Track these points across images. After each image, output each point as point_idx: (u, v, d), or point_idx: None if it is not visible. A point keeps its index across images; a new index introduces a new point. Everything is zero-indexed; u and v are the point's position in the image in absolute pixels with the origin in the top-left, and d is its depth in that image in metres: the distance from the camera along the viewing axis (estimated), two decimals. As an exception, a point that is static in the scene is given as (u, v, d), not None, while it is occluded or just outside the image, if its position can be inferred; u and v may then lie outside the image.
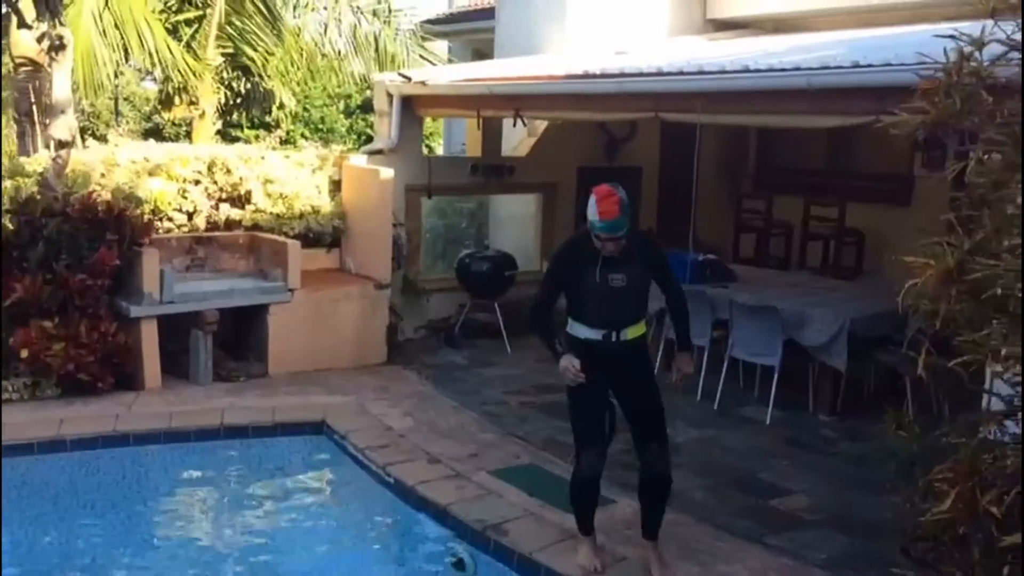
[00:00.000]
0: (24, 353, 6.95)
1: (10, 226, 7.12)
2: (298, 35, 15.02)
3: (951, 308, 4.03)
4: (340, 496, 6.21)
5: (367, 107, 20.86)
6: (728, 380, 7.45)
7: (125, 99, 23.78)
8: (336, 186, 9.41)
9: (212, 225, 8.87)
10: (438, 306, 9.85)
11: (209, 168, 8.80)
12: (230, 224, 8.89)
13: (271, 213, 8.98)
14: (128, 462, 6.29)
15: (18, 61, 9.88)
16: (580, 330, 4.35)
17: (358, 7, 15.03)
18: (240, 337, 8.36)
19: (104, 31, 12.64)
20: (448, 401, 7.51)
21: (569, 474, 5.64)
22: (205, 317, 7.71)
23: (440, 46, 17.00)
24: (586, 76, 7.86)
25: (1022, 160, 3.66)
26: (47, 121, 9.48)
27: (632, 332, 4.30)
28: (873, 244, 9.72)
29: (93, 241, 7.23)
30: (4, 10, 9.29)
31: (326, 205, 9.23)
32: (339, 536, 5.56)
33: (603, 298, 4.17)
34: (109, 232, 7.30)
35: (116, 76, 14.50)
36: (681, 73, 7.05)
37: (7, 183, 7.49)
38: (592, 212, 4.04)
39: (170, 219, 8.55)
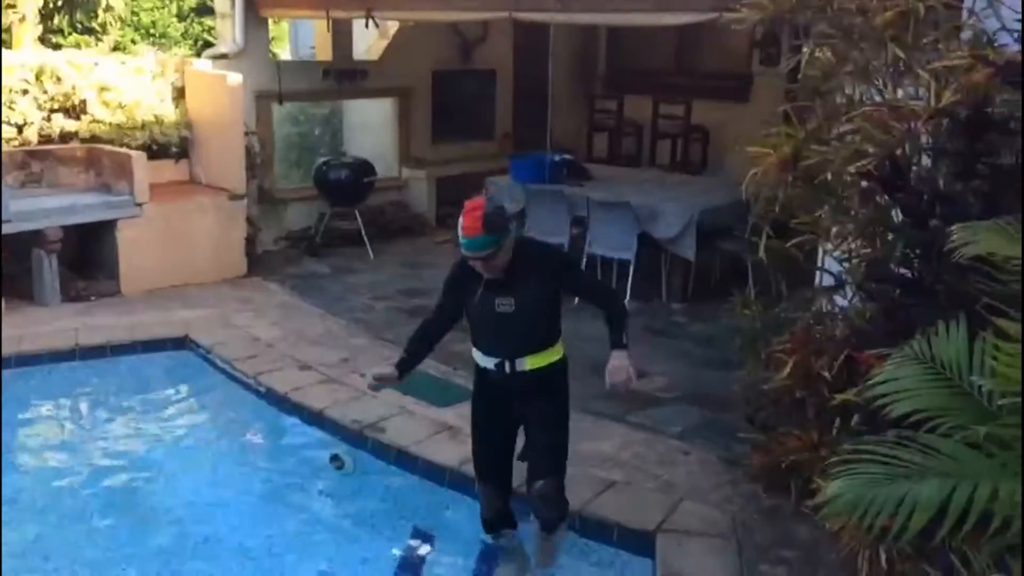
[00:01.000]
0: None
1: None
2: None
3: (788, 193, 4.40)
4: (210, 410, 6.14)
5: (203, 10, 19.61)
6: (587, 275, 7.76)
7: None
8: (180, 93, 8.95)
9: (45, 138, 8.30)
10: (296, 216, 9.70)
11: (37, 77, 8.18)
12: (65, 136, 8.35)
13: (110, 124, 8.48)
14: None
15: None
16: (476, 355, 3.76)
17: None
18: (87, 255, 7.98)
19: None
20: (314, 309, 7.51)
21: (438, 371, 5.89)
22: (47, 236, 7.31)
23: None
24: (439, -25, 7.75)
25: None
26: None
27: (531, 363, 3.61)
28: (717, 140, 10.21)
29: (-88, 157, 6.67)
30: None
31: (170, 114, 8.79)
32: (213, 449, 5.54)
33: (489, 324, 3.60)
34: (-70, 147, 6.74)
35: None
36: (534, -28, 7.06)
37: None
38: (458, 226, 3.44)
39: (-5, 132, 7.93)
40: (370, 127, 10.89)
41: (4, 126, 7.96)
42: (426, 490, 4.81)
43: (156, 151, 8.52)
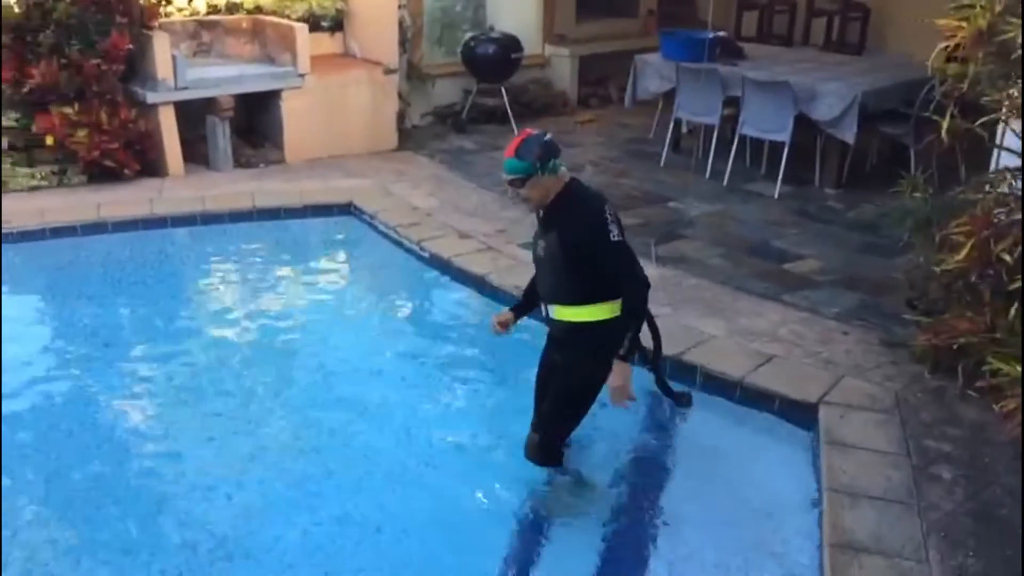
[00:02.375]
0: (49, 140, 7.00)
1: (16, 9, 6.94)
2: None
3: (979, 70, 4.25)
4: (376, 270, 6.53)
5: None
6: (735, 159, 7.69)
7: None
8: (336, -35, 9.09)
9: (213, 8, 8.65)
10: (443, 92, 9.84)
11: (205, -53, 8.47)
12: (232, 7, 8.68)
13: (273, -6, 8.74)
14: (168, 243, 6.56)
15: None
16: None
17: None
18: (254, 124, 8.41)
19: None
20: (466, 183, 7.73)
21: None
22: (220, 103, 7.72)
23: None
24: None
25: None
26: None
27: (559, 313, 3.50)
28: (877, 19, 9.68)
29: (102, 25, 7.09)
30: None
31: (327, -14, 8.98)
32: (380, 307, 5.94)
33: (536, 263, 3.60)
34: (118, 15, 7.14)
35: None
36: None
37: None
38: None
39: (169, 2, 8.30)
40: (514, 3, 10.79)
41: (176, -4, 8.35)
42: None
43: (313, 23, 8.75)
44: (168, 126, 7.53)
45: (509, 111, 9.32)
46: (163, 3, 7.96)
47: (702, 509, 3.79)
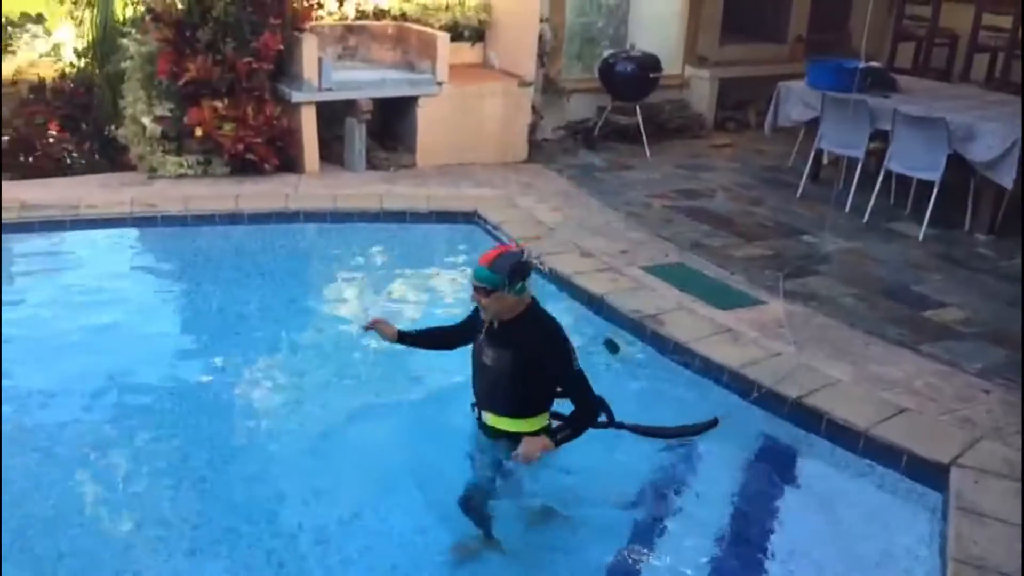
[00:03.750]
0: (198, 131, 7.35)
1: (179, 4, 7.32)
2: None
3: None
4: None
5: None
6: (879, 196, 7.29)
7: None
8: (484, -24, 9.21)
9: (360, 14, 8.90)
10: (577, 107, 9.79)
11: (359, -46, 8.72)
12: (379, 14, 8.91)
13: (418, 3, 8.91)
14: (299, 237, 6.75)
15: None
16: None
17: None
18: (388, 128, 8.58)
19: None
20: (592, 200, 7.64)
21: (715, 273, 5.86)
22: (360, 106, 7.91)
23: None
24: None
25: None
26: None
27: (493, 421, 3.55)
28: (1049, 59, 9.06)
29: (257, 24, 7.39)
30: None
31: (473, -4, 9.10)
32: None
33: (474, 367, 3.62)
34: (272, 16, 7.43)
35: None
36: None
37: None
38: None
39: (321, 6, 8.59)
40: (656, 21, 10.64)
41: (329, 0, 8.61)
42: (700, 386, 4.86)
43: (456, 33, 8.88)
44: (309, 125, 7.77)
45: (643, 131, 9.19)
46: (315, 7, 8.24)
47: (813, 566, 3.56)
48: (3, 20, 11.20)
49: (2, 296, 5.12)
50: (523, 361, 3.39)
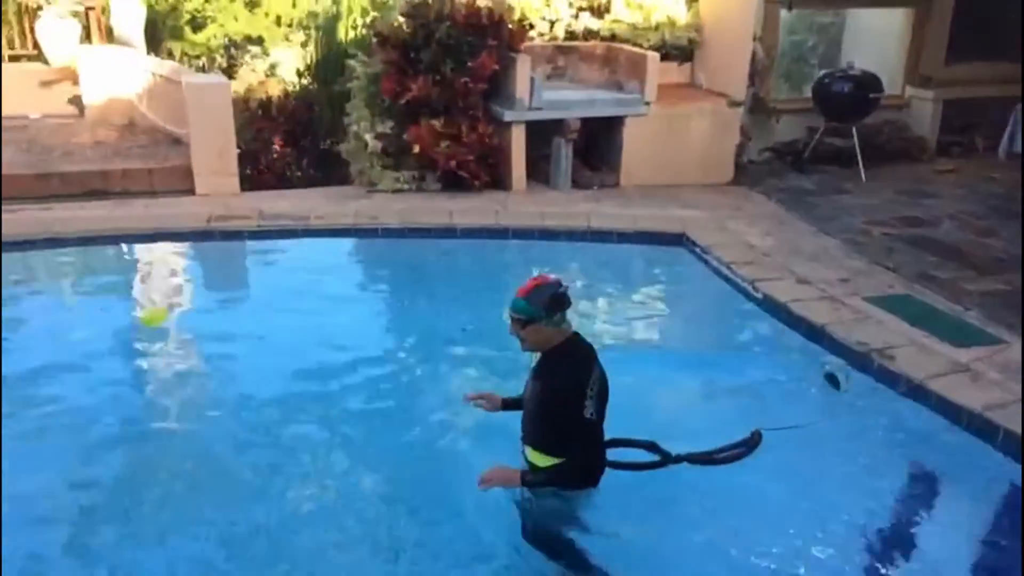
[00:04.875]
0: (416, 148, 7.67)
1: (405, 28, 7.69)
2: None
3: None
4: (702, 306, 6.40)
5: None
6: None
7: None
8: (693, -5, 9.11)
9: (570, 35, 9.02)
10: (786, 128, 9.45)
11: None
12: (588, 35, 8.99)
13: (628, 24, 8.92)
14: (507, 253, 6.90)
15: None
16: None
17: None
18: (593, 147, 8.62)
19: None
20: (806, 225, 7.34)
21: (947, 308, 5.44)
22: (568, 125, 8.01)
23: None
24: None
25: None
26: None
27: (530, 454, 3.45)
28: None
29: (474, 46, 7.64)
30: None
31: (682, 16, 9.01)
32: (699, 343, 5.77)
33: (524, 401, 3.53)
34: (489, 38, 7.66)
35: None
36: None
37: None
38: None
39: (532, 27, 8.78)
40: (874, 39, 10.12)
41: (540, 21, 8.80)
42: (934, 427, 4.53)
43: (664, 53, 8.81)
44: (518, 143, 7.95)
45: (859, 154, 8.74)
46: (528, 28, 8.43)
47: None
48: (226, 41, 12.22)
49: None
50: (546, 397, 3.32)
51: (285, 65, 12.39)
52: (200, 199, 7.52)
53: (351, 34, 10.71)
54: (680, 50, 9.07)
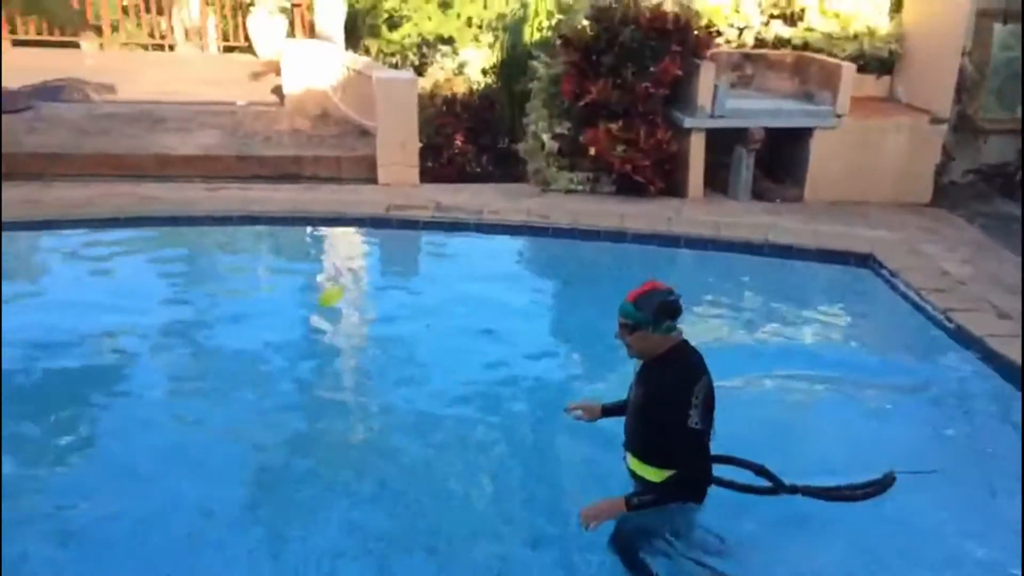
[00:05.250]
0: (591, 151, 7.64)
1: (589, 31, 7.67)
2: None
3: None
4: (886, 332, 5.98)
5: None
6: None
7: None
8: (897, 4, 8.57)
9: (759, 42, 8.71)
10: (994, 150, 8.70)
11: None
12: (777, 43, 8.64)
13: (822, 33, 8.51)
14: (678, 261, 6.72)
15: None
16: None
17: None
18: (776, 159, 8.28)
19: None
20: (1011, 255, 6.72)
21: None
22: (751, 135, 7.73)
23: None
24: None
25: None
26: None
27: (632, 464, 3.32)
28: None
29: (658, 51, 7.51)
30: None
31: (883, 26, 8.49)
32: (886, 369, 5.38)
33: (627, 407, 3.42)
34: (673, 43, 7.51)
35: None
36: None
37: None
38: None
39: (720, 33, 8.54)
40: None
41: (728, 28, 8.55)
42: None
43: (861, 64, 8.34)
44: (697, 151, 7.75)
45: (1079, 180, 7.94)
46: (714, 35, 8.20)
47: None
48: (419, 39, 12.66)
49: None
50: (649, 405, 3.22)
51: (473, 64, 12.70)
52: (381, 188, 7.82)
53: (536, 36, 10.84)
54: (879, 62, 8.56)
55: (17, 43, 12.62)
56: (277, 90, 10.23)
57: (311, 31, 11.59)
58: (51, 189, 7.21)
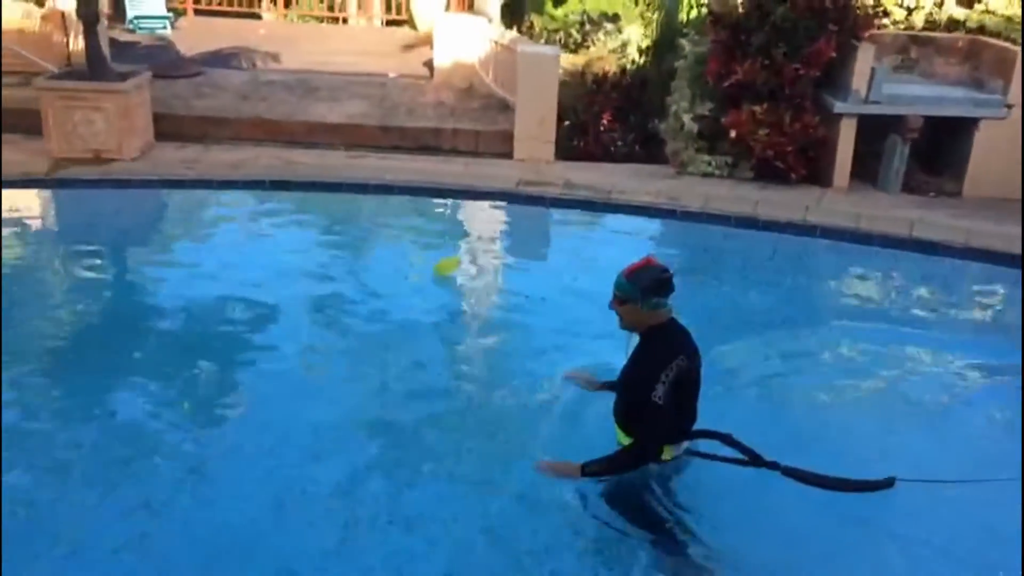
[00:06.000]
0: (732, 133, 7.40)
1: (740, 8, 7.41)
2: None
3: None
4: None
5: None
6: None
7: None
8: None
9: (930, 24, 8.13)
10: None
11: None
12: (951, 25, 8.04)
13: (1003, 16, 7.85)
14: (810, 251, 6.42)
15: None
16: None
17: None
18: (934, 150, 7.73)
19: None
20: None
21: None
22: (908, 123, 7.25)
23: None
24: None
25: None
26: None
27: (618, 433, 3.48)
28: None
29: (811, 31, 7.15)
30: None
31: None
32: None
33: None
34: (830, 23, 7.13)
35: None
36: None
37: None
38: None
39: (887, 13, 8.04)
40: None
41: (896, 7, 8.03)
42: None
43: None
44: (846, 138, 7.35)
45: None
46: (879, 15, 7.73)
47: None
48: (583, 17, 12.64)
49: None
50: (626, 375, 3.44)
51: (635, 43, 12.53)
52: (515, 163, 7.88)
53: (693, 13, 10.56)
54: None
55: (199, 12, 13.58)
56: (428, 63, 10.49)
57: (469, 6, 11.79)
58: (209, 151, 7.73)
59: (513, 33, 10.07)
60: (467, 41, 9.95)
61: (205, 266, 5.74)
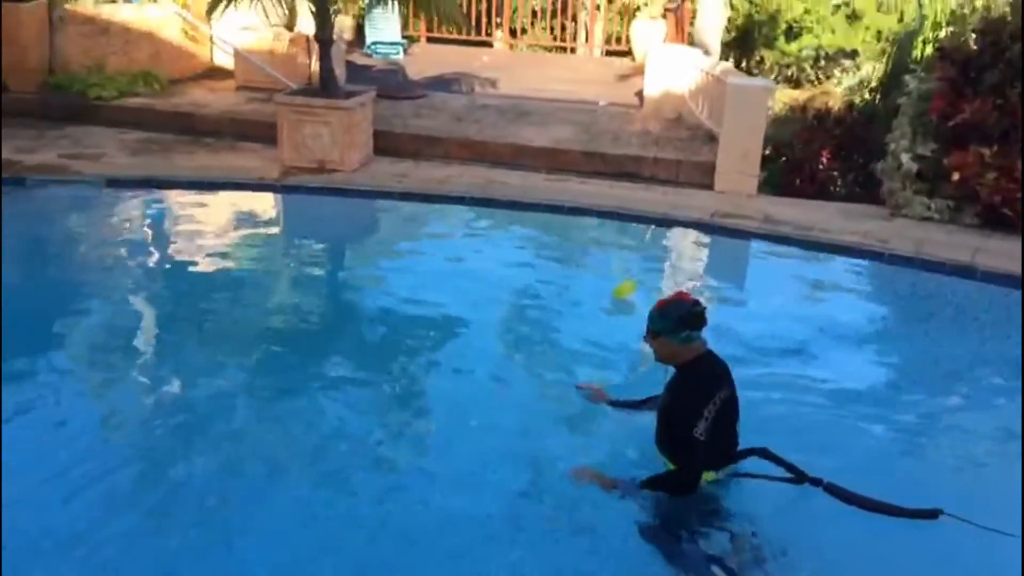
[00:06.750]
0: (955, 176, 6.86)
1: (972, 44, 6.89)
2: None
3: None
4: None
5: None
6: None
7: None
8: None
9: None
10: None
11: None
12: None
13: None
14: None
15: None
16: None
17: None
18: None
19: None
20: None
21: None
22: None
23: None
24: None
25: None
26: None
27: (660, 458, 3.53)
28: None
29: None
30: None
31: None
32: None
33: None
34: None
35: None
36: None
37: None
38: None
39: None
40: None
41: None
42: None
43: None
44: (1090, 187, 6.60)
45: None
46: None
47: None
48: (818, 52, 12.18)
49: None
50: (667, 409, 3.45)
51: (872, 80, 11.96)
52: (714, 195, 7.73)
53: (926, 49, 9.91)
54: None
55: (431, 39, 14.47)
56: (640, 93, 10.54)
57: (688, 38, 11.74)
58: (419, 167, 8.19)
59: (725, 64, 9.91)
60: (679, 72, 9.91)
61: (408, 270, 6.19)
